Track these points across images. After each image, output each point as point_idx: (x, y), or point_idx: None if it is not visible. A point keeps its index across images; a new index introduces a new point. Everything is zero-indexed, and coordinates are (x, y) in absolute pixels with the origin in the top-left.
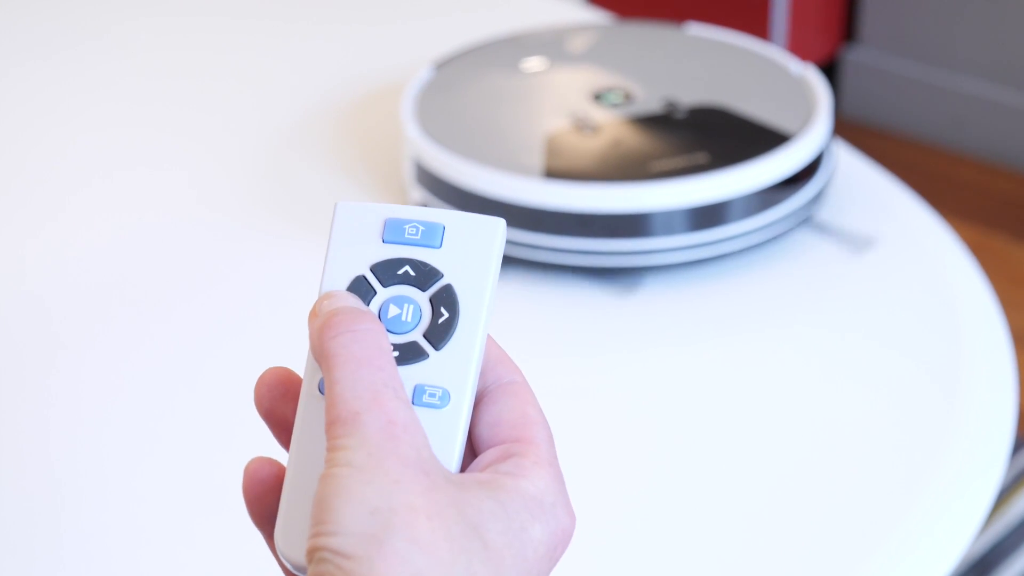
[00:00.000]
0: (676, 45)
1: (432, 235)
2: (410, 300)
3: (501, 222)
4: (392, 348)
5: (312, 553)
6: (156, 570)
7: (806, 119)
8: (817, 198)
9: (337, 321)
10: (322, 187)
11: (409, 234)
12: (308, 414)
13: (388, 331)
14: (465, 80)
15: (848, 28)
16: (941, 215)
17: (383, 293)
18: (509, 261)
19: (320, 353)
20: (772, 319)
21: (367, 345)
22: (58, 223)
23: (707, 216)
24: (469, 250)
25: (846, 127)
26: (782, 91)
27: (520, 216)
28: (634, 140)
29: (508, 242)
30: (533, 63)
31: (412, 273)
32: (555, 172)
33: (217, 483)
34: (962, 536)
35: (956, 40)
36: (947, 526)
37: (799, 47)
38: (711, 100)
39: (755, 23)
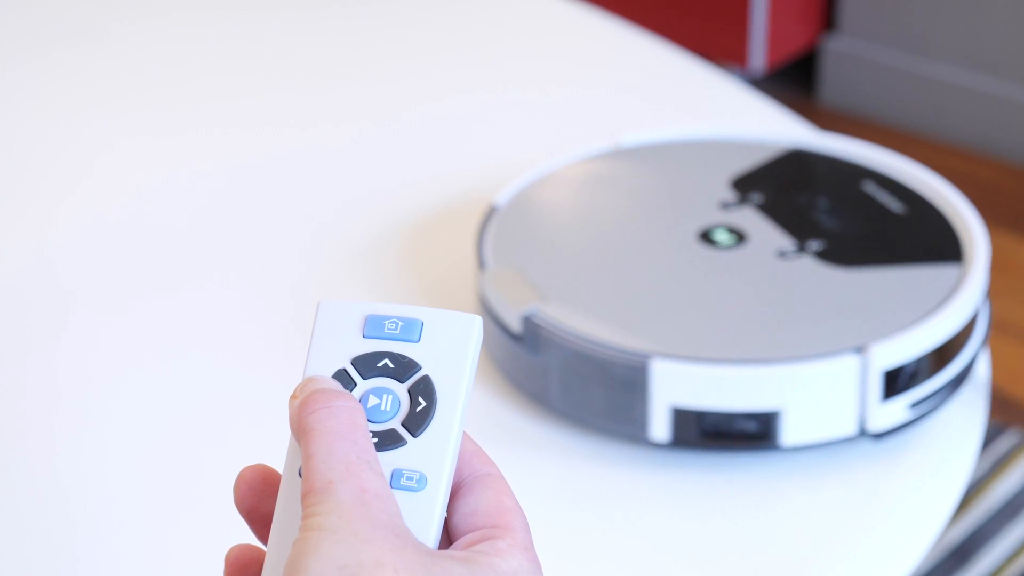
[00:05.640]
0: None
1: (411, 330)
2: (389, 391)
3: (478, 319)
4: (369, 428)
5: None
6: (152, 557)
7: None
8: None
9: (315, 398)
10: None
11: (388, 329)
12: (288, 499)
13: (368, 420)
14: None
15: (828, 17)
16: None
17: (363, 385)
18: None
19: (298, 428)
20: None
21: (343, 420)
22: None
23: None
24: (447, 345)
25: (826, 116)
26: None
27: None
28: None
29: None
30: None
31: (391, 365)
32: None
33: (222, 475)
34: (933, 522)
35: (936, 28)
36: (916, 512)
37: (779, 36)
38: None
39: (735, 12)
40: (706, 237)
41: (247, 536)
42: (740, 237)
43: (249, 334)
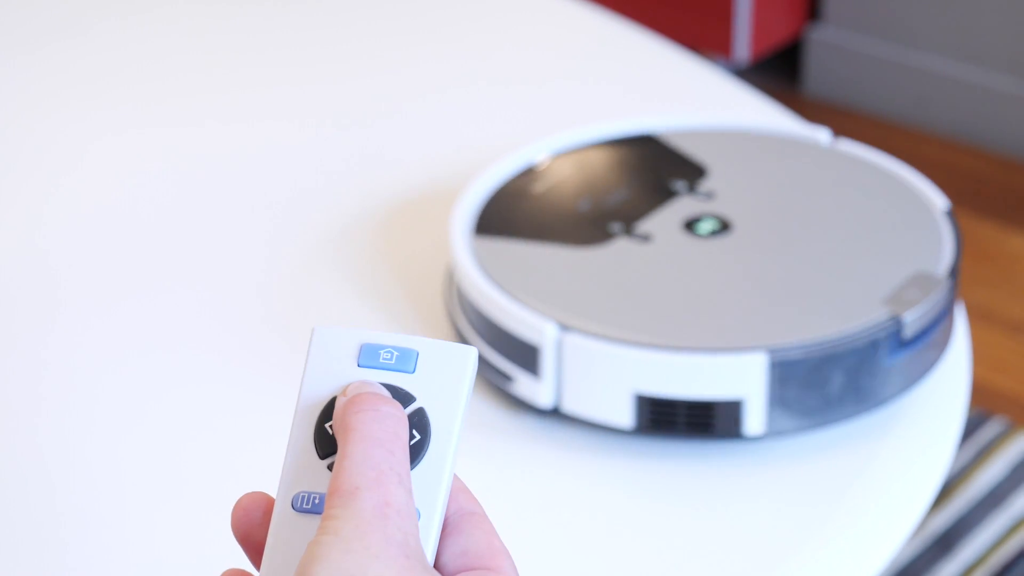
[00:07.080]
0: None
1: (406, 361)
2: None
3: (473, 351)
4: (409, 439)
5: None
6: (137, 546)
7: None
8: None
9: (364, 398)
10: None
11: (384, 359)
12: (280, 525)
13: None
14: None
15: (812, 7)
16: None
17: None
18: None
19: (341, 425)
20: None
21: (386, 427)
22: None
23: None
24: (442, 376)
25: (810, 107)
26: None
27: None
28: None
29: None
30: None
31: None
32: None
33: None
34: (912, 510)
35: (921, 18)
36: (895, 499)
37: (764, 26)
38: None
39: (720, 2)
40: (691, 229)
41: (230, 531)
42: (722, 222)
43: (234, 327)
